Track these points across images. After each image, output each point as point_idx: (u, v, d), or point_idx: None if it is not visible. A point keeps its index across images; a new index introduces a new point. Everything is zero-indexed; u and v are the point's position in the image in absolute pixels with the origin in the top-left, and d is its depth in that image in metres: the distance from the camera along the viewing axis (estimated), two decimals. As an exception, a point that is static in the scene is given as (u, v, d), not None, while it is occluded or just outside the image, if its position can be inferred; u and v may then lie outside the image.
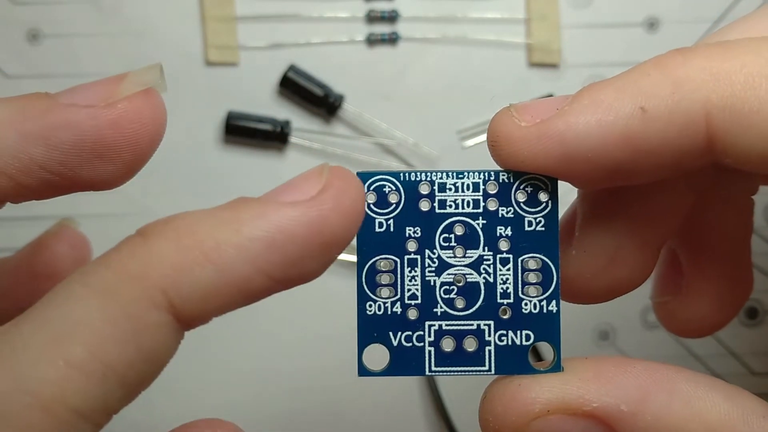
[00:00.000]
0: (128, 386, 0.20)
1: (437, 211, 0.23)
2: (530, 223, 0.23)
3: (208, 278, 0.20)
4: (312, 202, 0.20)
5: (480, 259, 0.23)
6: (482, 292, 0.23)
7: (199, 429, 0.24)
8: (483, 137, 0.45)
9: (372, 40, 0.46)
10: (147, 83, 0.23)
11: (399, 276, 0.23)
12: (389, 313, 0.23)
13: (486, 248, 0.23)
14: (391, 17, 0.46)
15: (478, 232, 0.23)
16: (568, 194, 0.25)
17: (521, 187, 0.23)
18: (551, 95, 0.46)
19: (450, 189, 0.23)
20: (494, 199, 0.23)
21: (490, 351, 0.23)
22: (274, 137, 0.45)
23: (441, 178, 0.23)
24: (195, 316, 0.20)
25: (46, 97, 0.23)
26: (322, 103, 0.45)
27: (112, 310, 0.19)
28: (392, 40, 0.46)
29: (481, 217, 0.23)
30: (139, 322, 0.19)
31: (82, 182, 0.23)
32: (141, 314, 0.19)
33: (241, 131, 0.45)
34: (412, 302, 0.23)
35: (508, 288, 0.23)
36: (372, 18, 0.46)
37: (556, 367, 0.23)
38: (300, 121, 0.45)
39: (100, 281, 0.20)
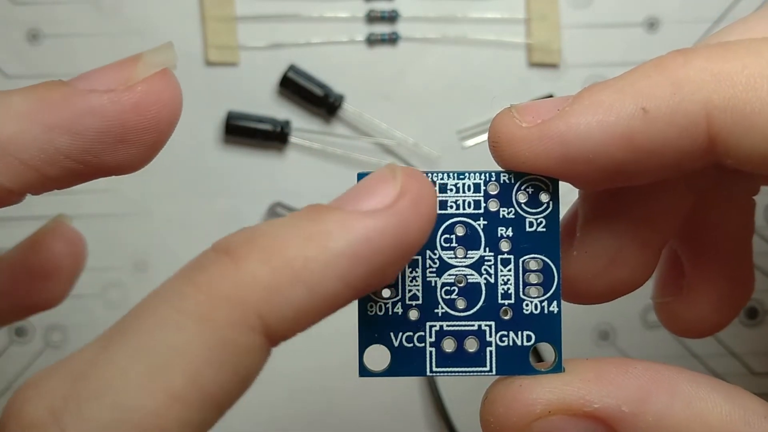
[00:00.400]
0: (222, 409, 0.19)
1: (438, 211, 0.23)
2: (531, 224, 0.23)
3: (300, 298, 0.19)
4: (393, 211, 0.20)
5: (481, 260, 0.23)
6: (483, 292, 0.23)
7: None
8: (483, 137, 0.45)
9: (372, 40, 0.46)
10: (163, 63, 0.23)
11: (400, 276, 0.23)
12: (390, 313, 0.23)
13: (487, 249, 0.23)
14: (391, 17, 0.46)
15: (479, 232, 0.23)
16: (568, 194, 0.25)
17: (522, 187, 0.23)
18: (551, 95, 0.46)
19: (451, 190, 0.23)
20: (495, 199, 0.23)
21: (491, 351, 0.23)
22: (274, 137, 0.45)
23: (442, 178, 0.23)
24: (285, 334, 0.20)
25: (63, 85, 0.22)
26: (322, 103, 0.45)
27: (210, 337, 0.19)
28: (392, 40, 0.46)
29: (482, 218, 0.23)
30: (237, 347, 0.19)
31: (105, 168, 0.23)
32: (239, 339, 0.19)
33: (241, 131, 0.45)
34: (413, 303, 0.23)
35: (509, 289, 0.23)
36: (372, 18, 0.46)
37: (557, 367, 0.23)
38: (300, 121, 0.45)
39: (195, 306, 0.19)
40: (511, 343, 0.23)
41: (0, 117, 0.22)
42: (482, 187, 0.23)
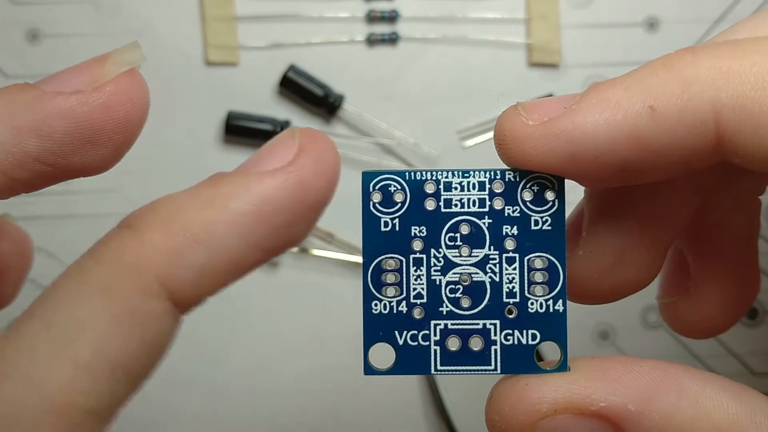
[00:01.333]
0: (134, 379, 0.19)
1: (443, 210, 0.23)
2: (536, 222, 0.23)
3: (201, 259, 0.20)
4: (291, 168, 0.20)
5: (486, 259, 0.23)
6: (488, 291, 0.23)
7: None
8: (483, 137, 0.45)
9: (372, 40, 0.46)
10: (131, 63, 0.23)
11: (404, 275, 0.23)
12: (395, 312, 0.23)
13: (492, 247, 0.23)
14: (391, 17, 0.46)
15: (483, 231, 0.23)
16: (572, 191, 0.25)
17: (527, 186, 0.23)
18: (551, 95, 0.45)
19: (456, 188, 0.23)
20: (500, 198, 0.23)
21: (495, 350, 0.23)
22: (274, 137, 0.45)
23: (447, 177, 0.23)
24: (191, 299, 0.20)
25: (31, 88, 0.22)
26: (322, 103, 0.45)
27: (114, 306, 0.19)
28: (392, 40, 0.46)
29: (487, 216, 0.23)
30: (141, 314, 0.19)
31: (74, 169, 0.23)
32: (142, 306, 0.19)
33: (241, 131, 0.45)
34: (418, 301, 0.23)
35: (514, 287, 0.23)
36: (372, 18, 0.46)
37: (563, 366, 0.23)
38: (300, 121, 0.45)
39: (97, 278, 0.19)
40: (516, 342, 0.23)
41: None
42: (487, 186, 0.23)
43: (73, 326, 0.19)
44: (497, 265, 0.23)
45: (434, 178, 0.23)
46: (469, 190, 0.23)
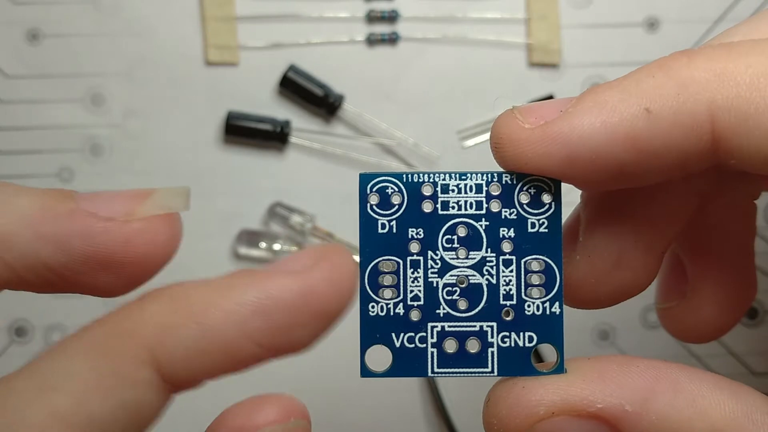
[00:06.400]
0: None
1: (440, 212, 0.23)
2: (533, 225, 0.23)
3: (193, 338, 0.20)
4: (303, 272, 0.21)
5: (483, 261, 0.23)
6: (485, 293, 0.23)
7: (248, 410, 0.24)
8: (483, 137, 0.45)
9: (372, 40, 0.46)
10: (171, 207, 0.23)
11: (401, 277, 0.23)
12: (392, 314, 0.23)
13: (489, 250, 0.23)
14: (391, 17, 0.46)
15: (480, 233, 0.23)
16: (568, 194, 0.25)
17: (524, 188, 0.23)
18: (551, 95, 0.46)
19: (453, 190, 0.23)
20: (497, 200, 0.23)
21: (492, 352, 0.23)
22: (274, 137, 0.45)
23: (444, 179, 0.23)
24: (182, 378, 0.20)
25: (70, 200, 0.22)
26: (322, 103, 0.45)
27: (99, 364, 0.19)
28: (392, 40, 0.46)
29: (484, 219, 0.23)
30: (124, 378, 0.19)
31: (81, 287, 0.22)
32: (126, 369, 0.19)
33: (241, 131, 0.45)
34: (415, 303, 0.23)
35: (510, 289, 0.23)
36: (372, 18, 0.46)
37: (560, 368, 0.23)
38: (300, 121, 0.45)
39: (92, 337, 0.20)
40: (512, 344, 0.23)
41: (1, 212, 0.22)
42: (484, 188, 0.23)
43: (57, 376, 0.19)
44: (494, 267, 0.23)
45: (431, 180, 0.23)
46: (466, 193, 0.23)
